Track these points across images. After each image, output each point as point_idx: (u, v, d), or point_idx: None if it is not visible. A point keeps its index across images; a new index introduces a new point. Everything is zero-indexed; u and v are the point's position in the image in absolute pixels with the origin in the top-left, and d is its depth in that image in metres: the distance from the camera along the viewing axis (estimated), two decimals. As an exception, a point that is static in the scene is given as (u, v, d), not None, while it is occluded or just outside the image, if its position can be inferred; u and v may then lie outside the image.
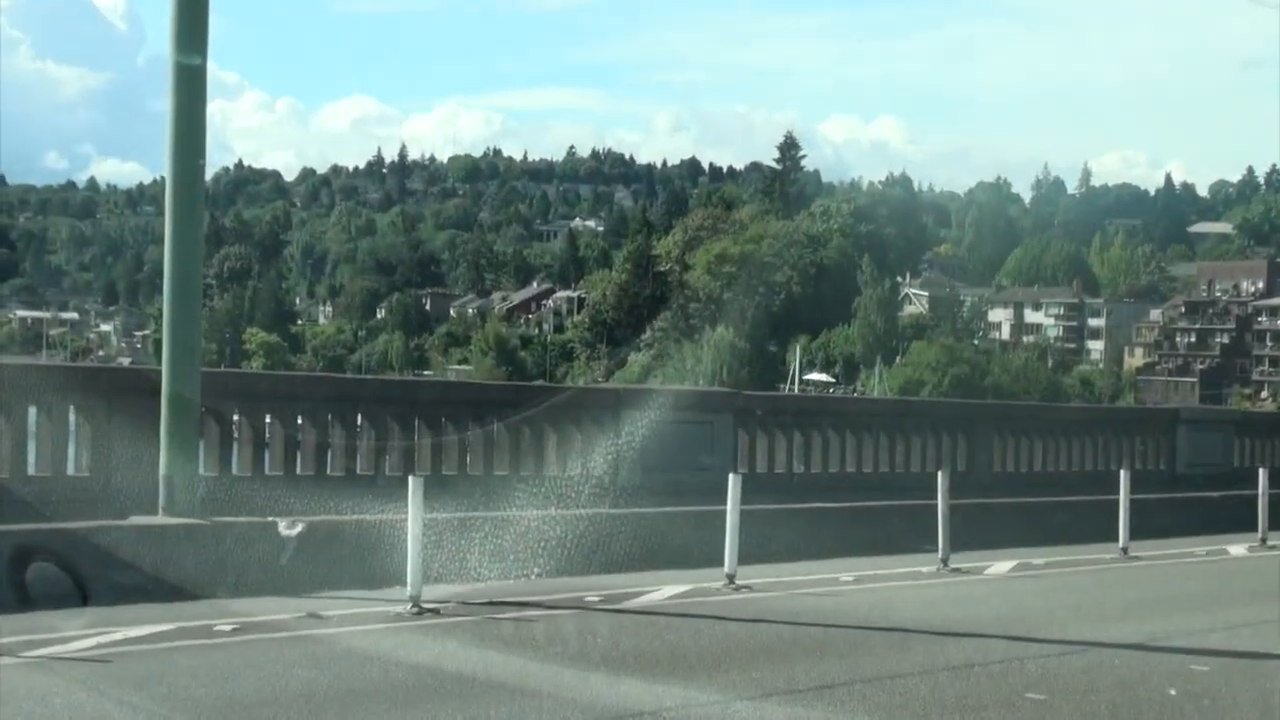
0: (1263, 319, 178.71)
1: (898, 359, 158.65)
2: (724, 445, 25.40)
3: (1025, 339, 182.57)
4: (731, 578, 19.51)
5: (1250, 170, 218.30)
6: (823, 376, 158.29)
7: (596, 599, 18.19)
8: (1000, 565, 23.27)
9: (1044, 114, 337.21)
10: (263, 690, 12.46)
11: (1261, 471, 30.03)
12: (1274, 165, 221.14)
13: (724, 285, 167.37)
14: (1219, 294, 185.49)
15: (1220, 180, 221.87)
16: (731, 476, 20.47)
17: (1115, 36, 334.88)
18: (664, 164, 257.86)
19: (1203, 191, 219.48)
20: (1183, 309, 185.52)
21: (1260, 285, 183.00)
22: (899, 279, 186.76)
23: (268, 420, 21.68)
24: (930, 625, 17.00)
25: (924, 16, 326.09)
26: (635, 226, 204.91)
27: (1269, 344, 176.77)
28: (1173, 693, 14.04)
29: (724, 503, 20.05)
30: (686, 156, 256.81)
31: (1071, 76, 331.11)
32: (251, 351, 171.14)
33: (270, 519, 17.91)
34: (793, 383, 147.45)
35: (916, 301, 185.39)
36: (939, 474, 23.79)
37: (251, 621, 15.31)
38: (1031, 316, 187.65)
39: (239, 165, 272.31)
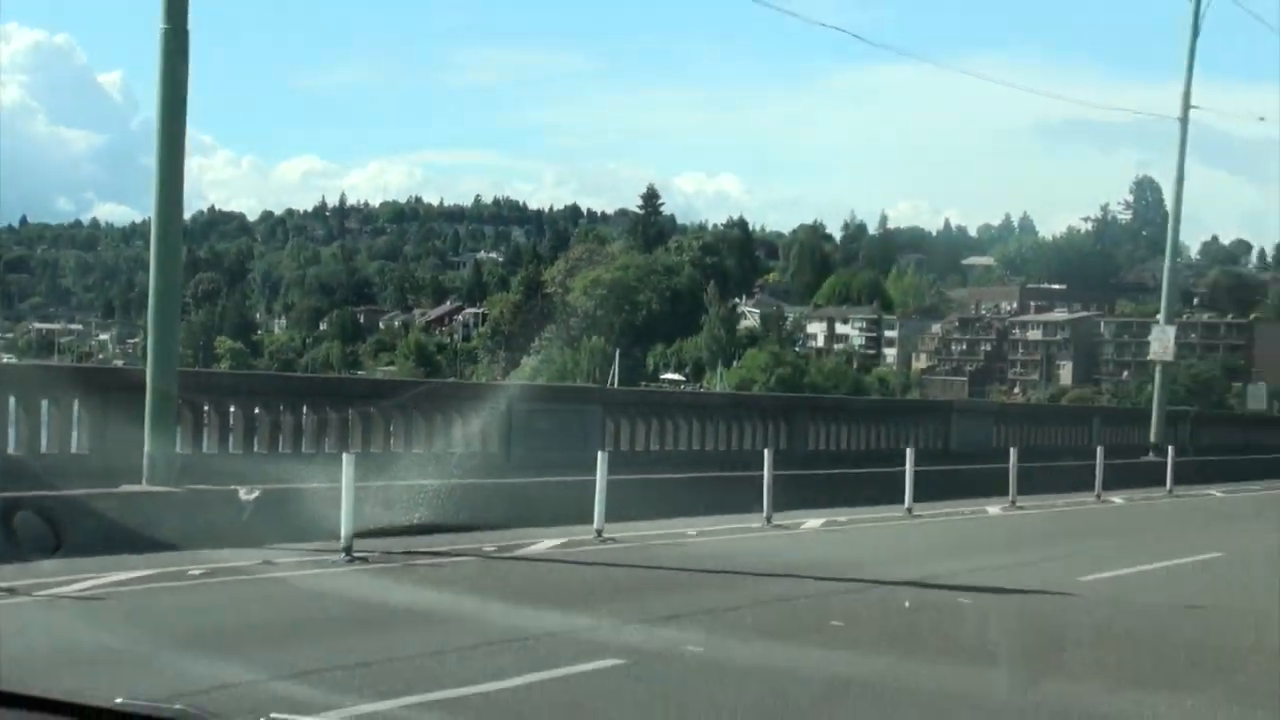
0: (1015, 332, 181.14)
1: (735, 362, 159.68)
2: (594, 429, 25.40)
3: (835, 347, 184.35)
4: (600, 532, 19.51)
5: (1007, 216, 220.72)
6: (675, 376, 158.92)
7: (493, 549, 18.14)
8: (813, 522, 23.38)
9: (852, 171, 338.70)
10: (229, 621, 12.44)
11: (1013, 450, 30.47)
12: (1024, 212, 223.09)
13: (597, 304, 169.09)
14: (984, 312, 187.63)
15: (985, 223, 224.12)
16: (600, 453, 20.50)
17: (907, 110, 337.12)
18: (550, 209, 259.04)
19: (972, 232, 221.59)
20: (956, 324, 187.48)
21: (1014, 305, 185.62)
22: (736, 300, 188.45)
23: (231, 409, 21.67)
24: (757, 568, 17.03)
25: (759, 95, 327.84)
26: (528, 258, 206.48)
27: (1020, 351, 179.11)
28: (939, 617, 14.21)
29: (595, 474, 20.14)
30: (569, 203, 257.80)
31: (874, 141, 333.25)
32: (220, 355, 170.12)
33: (233, 487, 17.86)
34: (651, 380, 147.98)
35: (750, 317, 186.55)
36: (765, 451, 23.92)
37: (218, 567, 15.25)
38: (841, 329, 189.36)
39: (211, 209, 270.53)
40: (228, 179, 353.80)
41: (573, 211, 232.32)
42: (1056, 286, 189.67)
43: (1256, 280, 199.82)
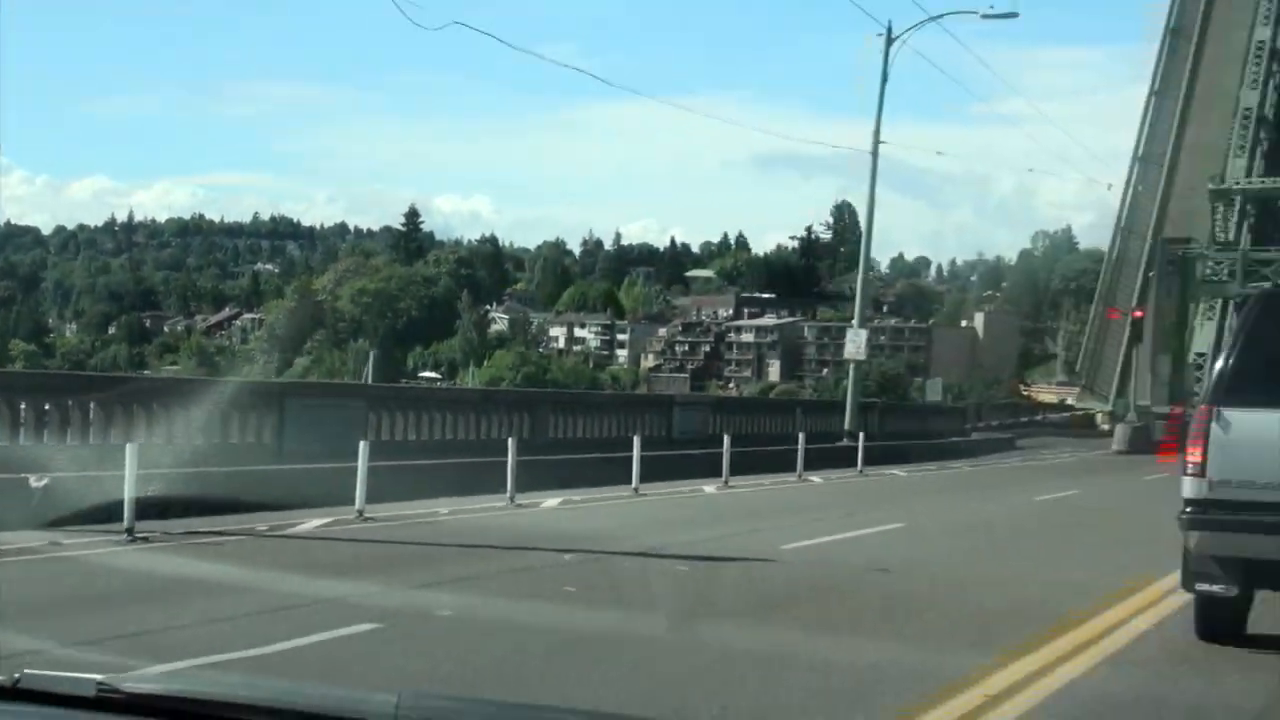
0: (731, 335, 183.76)
1: (485, 362, 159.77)
2: (359, 421, 25.18)
3: (575, 348, 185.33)
4: (361, 512, 19.30)
5: (725, 234, 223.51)
6: (432, 374, 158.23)
7: (265, 528, 17.90)
8: (551, 501, 23.43)
9: (591, 194, 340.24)
10: (21, 595, 12.08)
11: (726, 437, 30.84)
12: (740, 231, 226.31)
13: (363, 310, 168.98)
14: (704, 318, 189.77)
15: (706, 240, 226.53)
16: (362, 443, 20.34)
17: (639, 142, 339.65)
18: (321, 225, 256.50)
19: (695, 248, 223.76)
20: (680, 328, 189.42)
21: (730, 311, 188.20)
22: (488, 307, 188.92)
23: (23, 405, 21.20)
24: (501, 542, 17.09)
25: (508, 127, 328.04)
26: (300, 269, 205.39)
27: (735, 351, 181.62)
28: (659, 581, 14.36)
29: (357, 461, 19.99)
30: (338, 221, 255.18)
31: (609, 169, 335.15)
32: (15, 356, 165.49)
33: (24, 475, 17.47)
34: (411, 378, 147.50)
35: (500, 323, 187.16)
36: (509, 439, 23.94)
37: (10, 548, 14.80)
38: (579, 333, 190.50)
39: (8, 223, 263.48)
40: (23, 195, 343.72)
41: (341, 228, 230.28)
42: (767, 296, 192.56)
43: (934, 291, 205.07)
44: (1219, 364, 11.58)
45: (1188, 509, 11.00)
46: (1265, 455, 10.76)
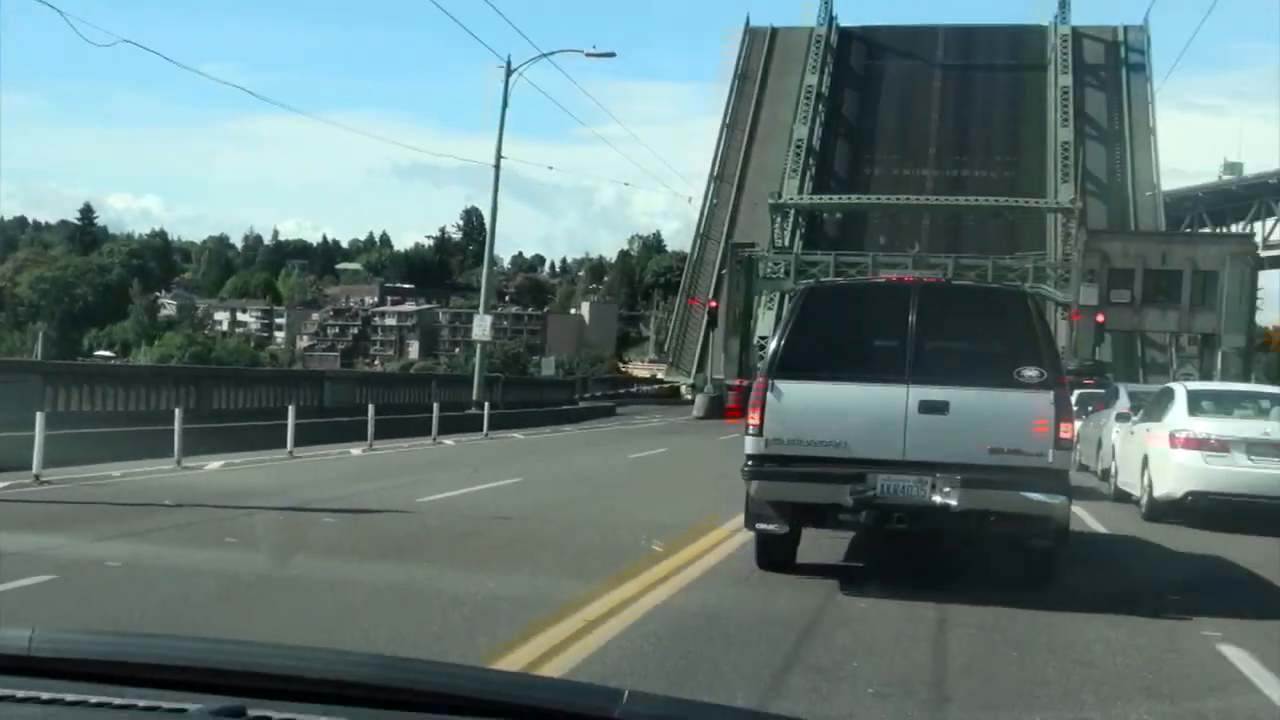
0: (376, 319, 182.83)
1: (156, 342, 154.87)
2: (35, 394, 23.94)
3: (237, 330, 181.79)
4: (38, 476, 18.36)
5: (371, 233, 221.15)
6: (106, 353, 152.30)
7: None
8: (215, 463, 22.74)
9: (253, 196, 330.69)
10: None
11: (371, 406, 30.73)
12: (384, 231, 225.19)
13: (41, 296, 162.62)
14: (352, 304, 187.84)
15: (354, 238, 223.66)
16: (39, 414, 19.33)
17: (296, 151, 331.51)
18: (1, 218, 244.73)
19: (344, 244, 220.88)
20: (332, 313, 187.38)
21: (375, 299, 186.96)
22: (158, 294, 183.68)
23: None
24: (170, 500, 16.51)
25: (177, 134, 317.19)
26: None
27: (379, 334, 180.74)
28: (311, 531, 14.19)
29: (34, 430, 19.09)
30: (18, 214, 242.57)
31: (270, 173, 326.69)
32: None
33: None
34: (87, 357, 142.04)
35: (169, 308, 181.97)
36: (176, 409, 23.23)
37: None
38: (241, 317, 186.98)
39: None
40: None
41: (21, 221, 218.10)
42: (407, 286, 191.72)
43: (549, 283, 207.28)
44: (773, 344, 11.98)
45: (749, 463, 11.38)
46: (808, 418, 11.22)
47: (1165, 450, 18.42)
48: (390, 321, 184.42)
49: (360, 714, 1.72)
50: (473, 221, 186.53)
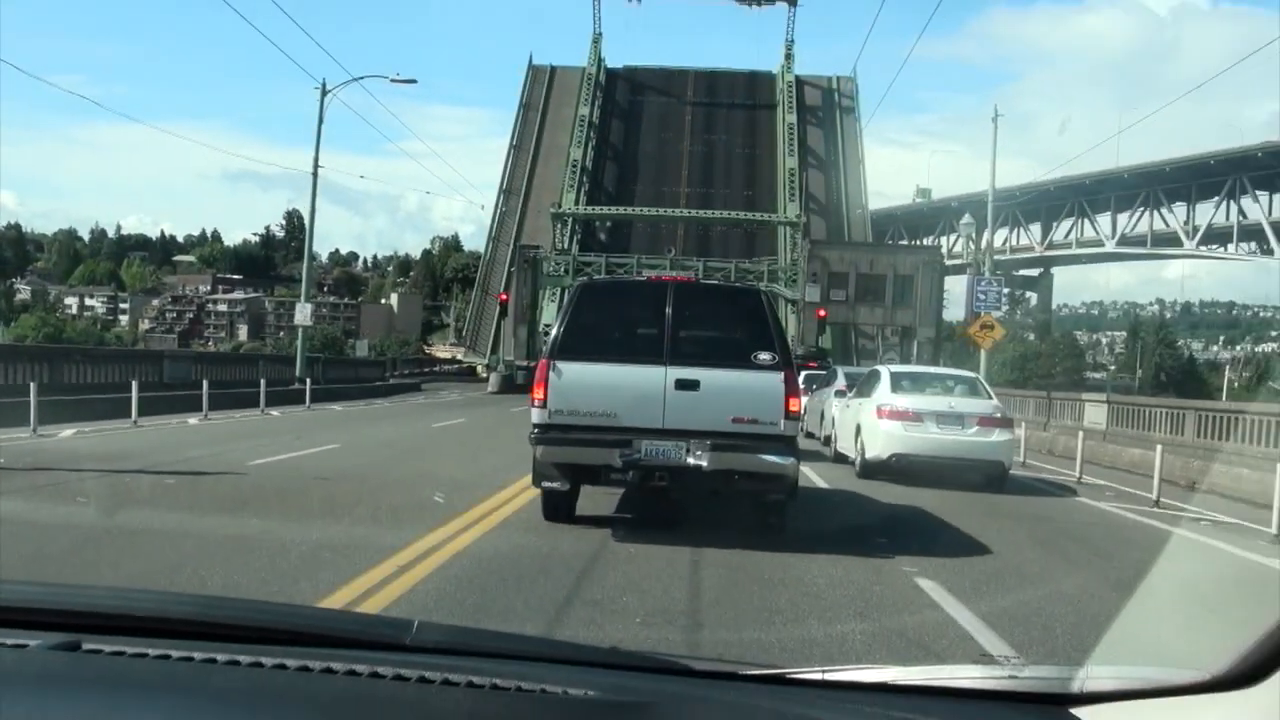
0: (209, 305, 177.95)
1: (12, 324, 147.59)
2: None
3: (85, 314, 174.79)
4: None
5: (204, 229, 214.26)
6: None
7: None
8: (67, 432, 21.72)
9: (100, 193, 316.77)
10: None
11: (205, 381, 29.86)
12: (215, 228, 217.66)
13: None
14: (188, 292, 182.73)
15: (189, 233, 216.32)
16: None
17: (137, 156, 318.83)
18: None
19: (180, 239, 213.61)
20: (170, 300, 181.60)
21: (209, 288, 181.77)
22: (13, 280, 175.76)
23: None
24: (26, 465, 15.78)
25: (27, 136, 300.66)
26: None
27: (213, 319, 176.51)
28: (153, 490, 13.72)
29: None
30: None
31: (113, 174, 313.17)
32: None
33: None
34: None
35: (24, 293, 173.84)
36: (31, 384, 22.19)
37: None
38: (89, 302, 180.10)
39: None
40: None
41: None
42: (237, 277, 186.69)
43: (362, 277, 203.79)
44: (554, 331, 12.00)
45: (535, 430, 11.40)
46: (584, 393, 11.28)
47: (874, 420, 18.98)
48: (222, 308, 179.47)
49: (181, 645, 1.68)
50: (294, 221, 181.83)
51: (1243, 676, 1.24)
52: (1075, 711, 1.48)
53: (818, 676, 1.69)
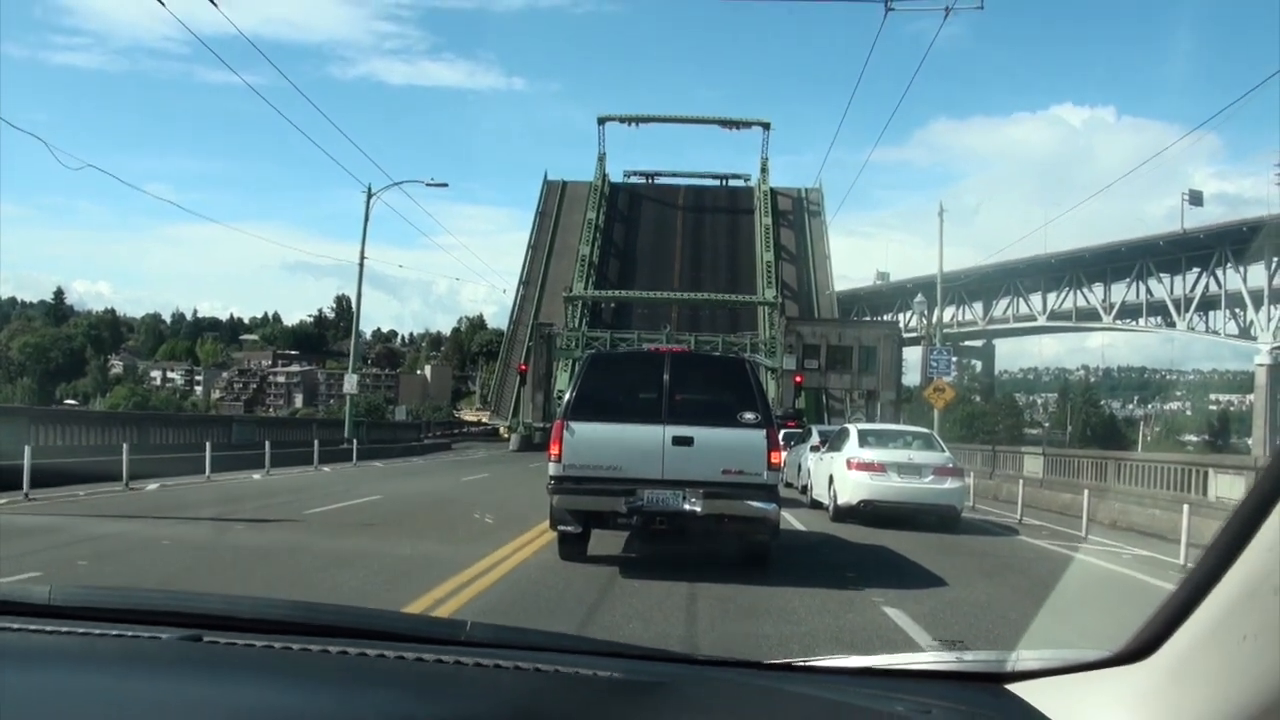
0: (270, 377, 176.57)
1: (108, 394, 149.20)
2: (23, 432, 22.48)
3: (167, 385, 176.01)
4: (27, 494, 17.29)
5: (265, 312, 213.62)
6: (72, 402, 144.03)
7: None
8: (153, 485, 21.50)
9: (180, 284, 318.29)
10: None
11: (268, 443, 29.74)
12: (275, 311, 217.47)
13: (26, 357, 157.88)
14: (252, 366, 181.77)
15: (254, 315, 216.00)
16: (26, 445, 18.20)
17: (212, 250, 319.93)
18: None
19: (246, 320, 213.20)
20: (237, 372, 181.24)
21: (270, 362, 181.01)
22: (109, 357, 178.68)
23: None
24: (123, 512, 15.69)
25: (117, 236, 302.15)
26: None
27: (273, 389, 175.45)
28: (234, 532, 13.61)
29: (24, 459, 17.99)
30: (9, 295, 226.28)
31: (191, 265, 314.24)
32: None
33: None
34: (58, 404, 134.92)
35: (117, 367, 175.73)
36: (124, 444, 22.18)
37: None
38: (171, 375, 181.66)
39: None
40: None
41: (11, 301, 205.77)
42: (294, 352, 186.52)
43: (400, 351, 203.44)
44: (567, 396, 12.04)
45: (551, 481, 11.40)
46: (594, 449, 11.30)
47: (845, 471, 18.93)
48: (281, 379, 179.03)
49: (279, 639, 1.76)
50: (342, 304, 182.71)
51: (1139, 650, 1.30)
52: (1009, 687, 1.55)
53: (804, 663, 1.79)
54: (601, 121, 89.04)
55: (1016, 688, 1.55)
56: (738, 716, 1.45)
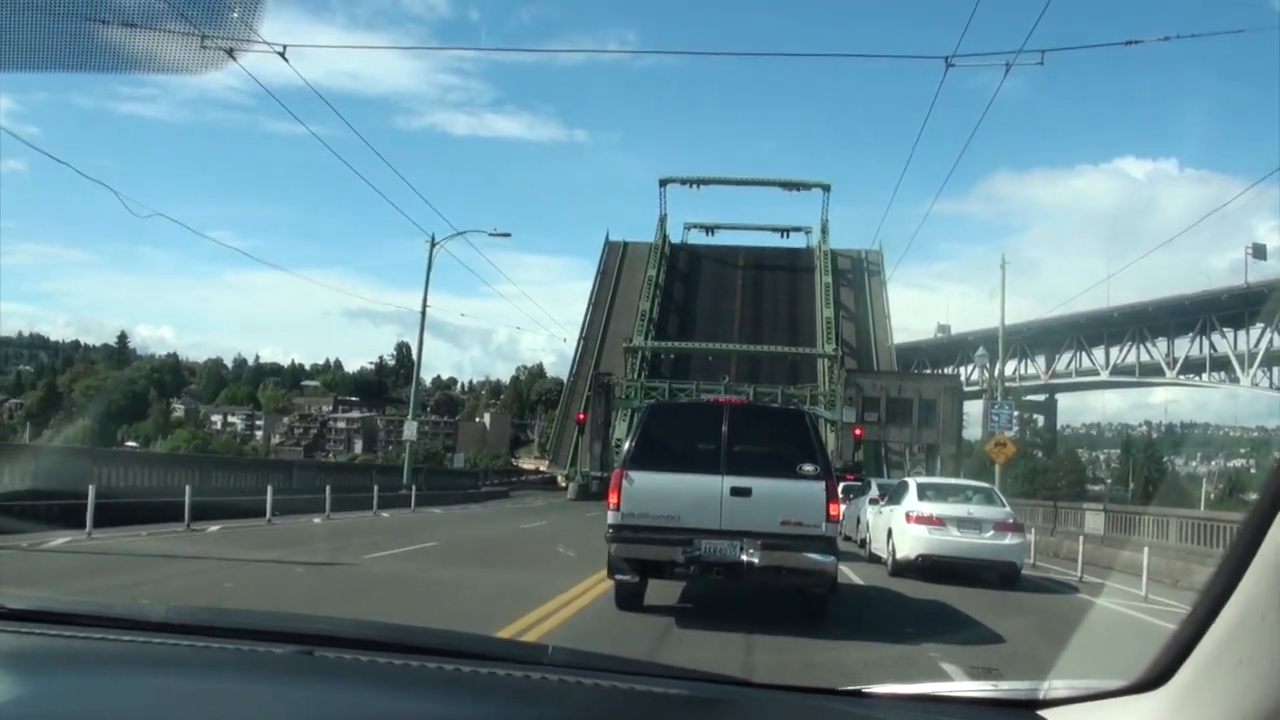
0: (330, 423, 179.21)
1: (169, 436, 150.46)
2: (87, 473, 23.04)
3: (228, 429, 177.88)
4: (89, 534, 17.69)
5: (327, 359, 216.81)
6: (133, 444, 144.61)
7: (25, 544, 16.23)
8: (214, 527, 21.82)
9: (240, 327, 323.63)
10: None
11: (328, 487, 30.07)
12: (336, 357, 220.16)
13: (88, 399, 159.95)
14: (313, 412, 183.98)
15: (315, 362, 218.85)
16: (90, 486, 18.61)
17: (273, 294, 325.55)
18: (62, 340, 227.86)
19: (307, 366, 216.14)
20: (298, 417, 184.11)
21: (330, 407, 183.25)
22: (171, 400, 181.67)
23: None
24: (184, 554, 15.97)
25: (184, 284, 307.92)
26: (48, 371, 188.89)
27: (333, 434, 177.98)
28: (300, 576, 13.81)
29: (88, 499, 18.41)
30: (74, 338, 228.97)
31: (252, 311, 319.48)
32: None
33: None
34: (120, 445, 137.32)
35: (179, 410, 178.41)
36: (186, 486, 22.50)
37: None
38: (231, 419, 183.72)
39: None
40: None
41: (75, 344, 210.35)
42: (354, 399, 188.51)
43: (460, 398, 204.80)
44: (627, 445, 12.13)
45: (609, 530, 11.47)
46: (652, 498, 11.36)
47: (904, 524, 18.79)
48: (341, 425, 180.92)
49: (382, 654, 1.91)
50: (403, 352, 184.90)
51: (1154, 680, 1.42)
52: (1041, 713, 1.68)
53: (855, 689, 1.92)
54: (663, 183, 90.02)
55: (1047, 713, 1.67)
56: None
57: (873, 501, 23.51)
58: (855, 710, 1.73)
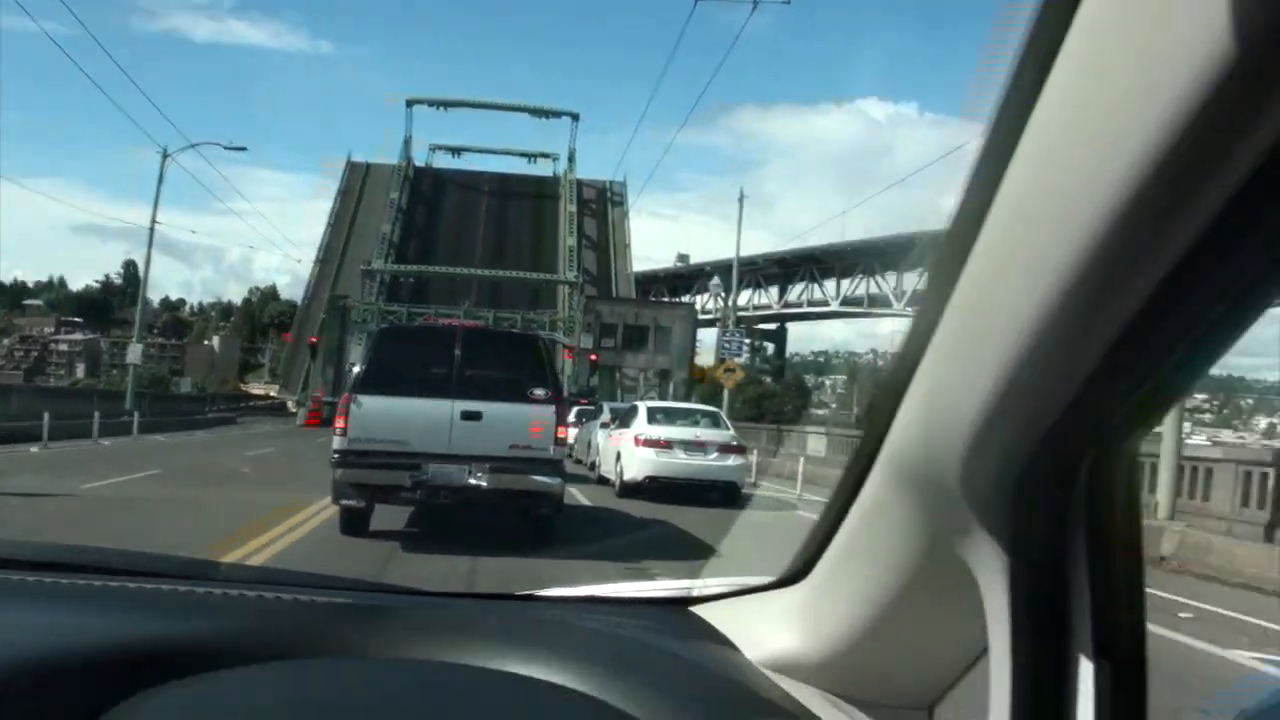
0: (52, 345, 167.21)
1: None
2: None
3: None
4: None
5: (51, 276, 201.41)
6: None
7: None
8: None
9: None
10: None
11: (47, 414, 28.12)
12: (62, 275, 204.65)
13: None
14: (34, 333, 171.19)
15: (37, 280, 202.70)
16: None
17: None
18: None
19: (30, 284, 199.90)
20: (18, 339, 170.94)
21: (53, 329, 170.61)
22: None
23: None
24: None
25: None
26: None
27: (55, 357, 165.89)
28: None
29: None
30: None
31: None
32: None
33: None
34: None
35: None
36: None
37: None
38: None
39: None
40: None
41: None
42: (79, 320, 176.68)
43: (189, 320, 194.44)
44: (357, 369, 11.96)
45: (335, 455, 11.31)
46: (381, 423, 11.27)
47: (632, 448, 19.34)
48: (64, 348, 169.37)
49: (44, 574, 1.77)
50: (130, 270, 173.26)
51: (797, 574, 1.56)
52: (693, 609, 1.79)
53: (526, 594, 1.99)
54: (410, 104, 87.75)
55: (698, 609, 1.79)
56: (459, 635, 1.60)
57: (604, 425, 24.03)
58: (521, 612, 1.81)
